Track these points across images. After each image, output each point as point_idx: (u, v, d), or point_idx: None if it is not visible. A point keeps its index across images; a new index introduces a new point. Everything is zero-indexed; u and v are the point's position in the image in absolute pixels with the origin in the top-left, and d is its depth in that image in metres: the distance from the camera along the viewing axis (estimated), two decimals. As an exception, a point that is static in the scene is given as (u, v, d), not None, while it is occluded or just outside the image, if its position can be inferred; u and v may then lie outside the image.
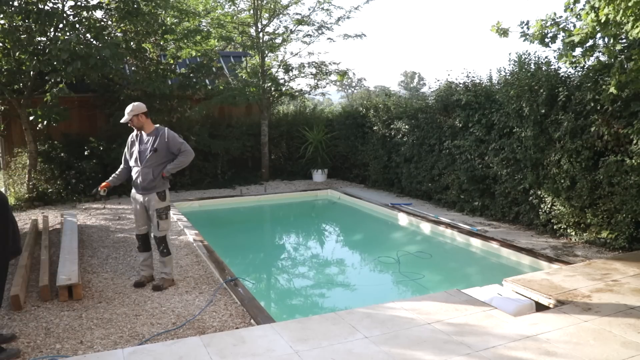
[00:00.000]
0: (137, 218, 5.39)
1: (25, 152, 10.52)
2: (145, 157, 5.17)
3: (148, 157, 5.15)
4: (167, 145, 5.17)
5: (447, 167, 8.93)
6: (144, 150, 5.20)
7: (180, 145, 5.22)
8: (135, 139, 5.30)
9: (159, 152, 5.15)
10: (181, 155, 5.23)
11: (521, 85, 6.97)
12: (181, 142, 5.24)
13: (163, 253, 5.33)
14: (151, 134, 5.21)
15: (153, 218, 5.25)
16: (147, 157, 5.15)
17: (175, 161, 5.22)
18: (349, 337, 3.83)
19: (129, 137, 5.39)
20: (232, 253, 7.37)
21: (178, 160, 5.22)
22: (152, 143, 5.17)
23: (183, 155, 5.23)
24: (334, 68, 13.11)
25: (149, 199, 5.23)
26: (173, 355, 3.60)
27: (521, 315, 4.16)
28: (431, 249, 7.20)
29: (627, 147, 5.89)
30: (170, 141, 5.18)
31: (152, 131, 5.22)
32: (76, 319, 4.51)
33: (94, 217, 8.84)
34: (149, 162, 5.16)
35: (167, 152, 5.20)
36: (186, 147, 5.24)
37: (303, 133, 13.02)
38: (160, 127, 5.28)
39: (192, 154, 5.30)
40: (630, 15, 4.47)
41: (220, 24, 12.76)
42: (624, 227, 5.92)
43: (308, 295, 6.09)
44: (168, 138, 5.19)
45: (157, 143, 5.15)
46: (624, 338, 3.71)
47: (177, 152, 5.23)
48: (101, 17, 10.15)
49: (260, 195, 11.07)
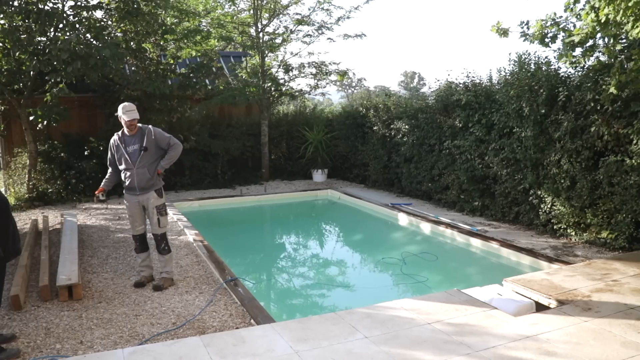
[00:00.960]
0: (133, 219, 5.35)
1: (25, 152, 10.52)
2: (136, 157, 5.15)
3: (140, 157, 5.14)
4: (155, 142, 5.19)
5: (447, 167, 8.93)
6: (133, 151, 5.16)
7: (168, 139, 5.26)
8: (119, 142, 5.25)
9: (150, 150, 5.16)
10: (171, 150, 5.26)
11: (521, 85, 6.97)
12: (168, 136, 5.29)
13: (164, 251, 5.35)
14: (135, 135, 5.18)
15: (153, 216, 5.26)
16: (139, 157, 5.14)
17: (167, 156, 5.26)
18: (349, 337, 3.83)
19: (111, 141, 5.34)
20: (232, 253, 7.37)
21: (169, 155, 5.26)
22: (140, 143, 5.16)
23: (173, 149, 5.26)
24: (334, 68, 13.11)
25: (147, 198, 5.23)
26: (173, 355, 3.60)
27: (521, 315, 4.16)
28: (431, 249, 7.20)
29: (627, 147, 5.89)
30: (157, 137, 5.20)
31: (136, 132, 5.19)
32: (76, 319, 4.51)
33: (94, 217, 8.84)
34: (142, 161, 5.15)
35: (157, 149, 5.22)
36: (174, 140, 5.29)
37: (303, 133, 13.02)
38: (144, 126, 5.25)
39: (181, 145, 5.35)
40: (630, 15, 4.47)
41: (220, 24, 12.76)
42: (624, 227, 5.92)
43: (308, 295, 6.09)
44: (155, 135, 5.19)
45: (146, 142, 5.14)
46: (624, 338, 3.71)
47: (166, 146, 5.25)
48: (101, 17, 10.15)
49: (260, 195, 11.07)
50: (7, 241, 3.80)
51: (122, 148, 5.21)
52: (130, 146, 5.17)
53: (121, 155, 5.22)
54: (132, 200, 5.29)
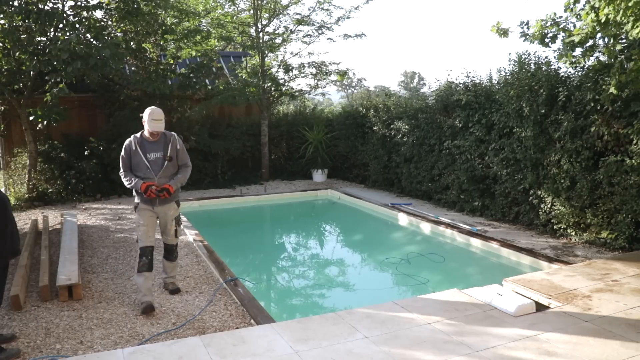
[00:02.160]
0: (147, 229, 4.75)
1: (25, 152, 10.53)
2: (160, 167, 4.70)
3: (165, 168, 4.72)
4: (177, 154, 4.83)
5: (447, 167, 8.93)
6: (155, 159, 4.70)
7: (187, 159, 4.94)
8: (135, 146, 4.69)
9: (173, 160, 4.78)
10: (185, 171, 4.92)
11: (521, 86, 6.97)
12: (187, 155, 4.97)
13: (174, 258, 5.17)
14: (158, 142, 4.72)
15: (170, 227, 4.94)
16: (164, 167, 4.71)
17: (180, 176, 4.87)
18: (349, 337, 3.83)
19: (127, 143, 4.74)
20: (232, 253, 7.37)
21: (182, 177, 4.89)
22: (164, 151, 4.73)
23: (186, 170, 4.93)
24: (334, 68, 13.11)
25: (167, 209, 4.85)
26: (173, 355, 3.60)
27: (521, 315, 4.16)
28: (431, 249, 7.19)
29: (627, 147, 5.89)
30: (181, 150, 4.85)
31: (159, 138, 4.74)
32: (76, 319, 4.51)
33: (94, 217, 8.84)
34: (166, 172, 4.74)
35: (177, 161, 4.87)
36: (189, 162, 4.98)
37: (303, 133, 13.02)
38: (168, 133, 4.84)
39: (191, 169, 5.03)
40: (630, 15, 4.47)
41: (220, 24, 12.76)
42: (624, 227, 5.92)
43: (308, 295, 6.09)
44: (180, 147, 4.84)
45: (170, 150, 4.74)
46: (624, 338, 3.71)
47: (181, 163, 4.90)
48: (101, 17, 10.16)
49: (260, 195, 11.07)
50: (4, 241, 3.79)
51: (140, 154, 4.68)
52: (152, 153, 4.69)
53: (139, 162, 4.69)
54: (148, 211, 4.79)
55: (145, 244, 4.73)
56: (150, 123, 4.61)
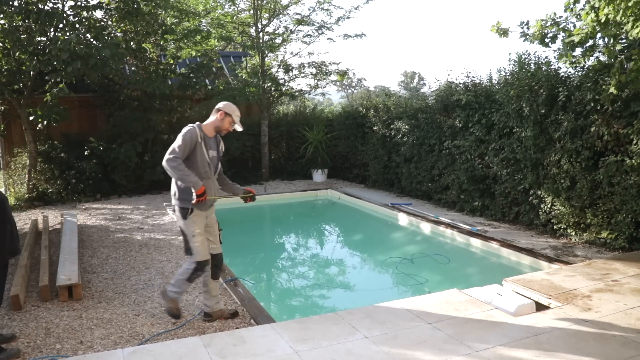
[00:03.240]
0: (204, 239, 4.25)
1: (25, 152, 10.53)
2: (216, 166, 4.31)
3: (220, 167, 4.37)
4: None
5: (447, 167, 8.93)
6: (212, 157, 4.25)
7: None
8: (200, 140, 4.11)
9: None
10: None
11: (521, 86, 6.97)
12: None
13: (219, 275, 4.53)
14: (214, 138, 4.34)
15: (216, 232, 4.48)
16: (219, 166, 4.35)
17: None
18: (349, 337, 3.83)
19: (191, 135, 4.06)
20: (232, 253, 7.34)
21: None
22: (218, 149, 4.35)
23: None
24: (334, 68, 13.13)
25: (213, 211, 4.46)
26: (173, 355, 3.60)
27: (521, 315, 4.16)
28: (431, 249, 7.19)
29: (627, 147, 5.89)
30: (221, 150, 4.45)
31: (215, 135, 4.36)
32: (76, 319, 4.51)
33: (94, 217, 8.84)
34: (217, 172, 4.36)
35: None
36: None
37: (303, 133, 13.02)
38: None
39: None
40: (630, 15, 4.47)
41: (220, 24, 12.77)
42: (624, 227, 5.92)
43: (308, 295, 6.09)
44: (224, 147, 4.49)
45: (221, 150, 4.40)
46: (624, 338, 3.71)
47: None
48: (101, 17, 10.16)
49: (260, 195, 11.05)
50: (4, 240, 3.79)
51: (204, 150, 4.16)
52: (210, 151, 4.24)
53: (202, 158, 4.13)
54: (203, 218, 4.25)
55: (206, 256, 4.17)
56: (237, 119, 4.28)
